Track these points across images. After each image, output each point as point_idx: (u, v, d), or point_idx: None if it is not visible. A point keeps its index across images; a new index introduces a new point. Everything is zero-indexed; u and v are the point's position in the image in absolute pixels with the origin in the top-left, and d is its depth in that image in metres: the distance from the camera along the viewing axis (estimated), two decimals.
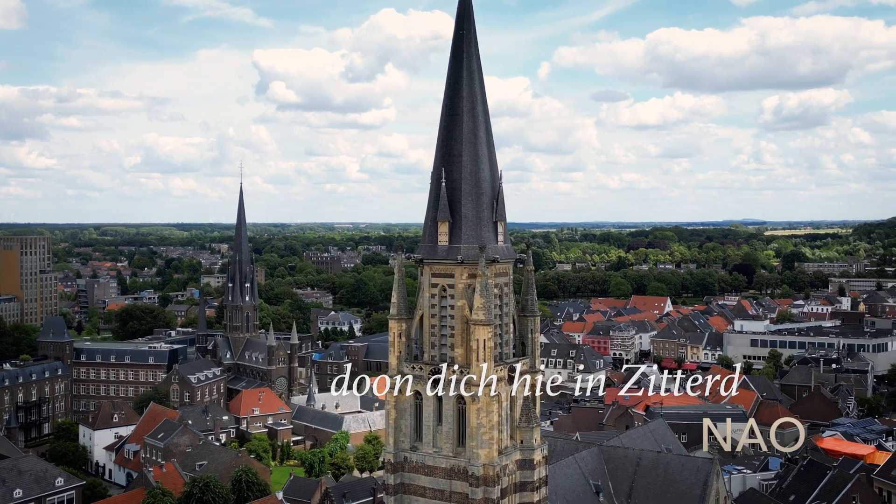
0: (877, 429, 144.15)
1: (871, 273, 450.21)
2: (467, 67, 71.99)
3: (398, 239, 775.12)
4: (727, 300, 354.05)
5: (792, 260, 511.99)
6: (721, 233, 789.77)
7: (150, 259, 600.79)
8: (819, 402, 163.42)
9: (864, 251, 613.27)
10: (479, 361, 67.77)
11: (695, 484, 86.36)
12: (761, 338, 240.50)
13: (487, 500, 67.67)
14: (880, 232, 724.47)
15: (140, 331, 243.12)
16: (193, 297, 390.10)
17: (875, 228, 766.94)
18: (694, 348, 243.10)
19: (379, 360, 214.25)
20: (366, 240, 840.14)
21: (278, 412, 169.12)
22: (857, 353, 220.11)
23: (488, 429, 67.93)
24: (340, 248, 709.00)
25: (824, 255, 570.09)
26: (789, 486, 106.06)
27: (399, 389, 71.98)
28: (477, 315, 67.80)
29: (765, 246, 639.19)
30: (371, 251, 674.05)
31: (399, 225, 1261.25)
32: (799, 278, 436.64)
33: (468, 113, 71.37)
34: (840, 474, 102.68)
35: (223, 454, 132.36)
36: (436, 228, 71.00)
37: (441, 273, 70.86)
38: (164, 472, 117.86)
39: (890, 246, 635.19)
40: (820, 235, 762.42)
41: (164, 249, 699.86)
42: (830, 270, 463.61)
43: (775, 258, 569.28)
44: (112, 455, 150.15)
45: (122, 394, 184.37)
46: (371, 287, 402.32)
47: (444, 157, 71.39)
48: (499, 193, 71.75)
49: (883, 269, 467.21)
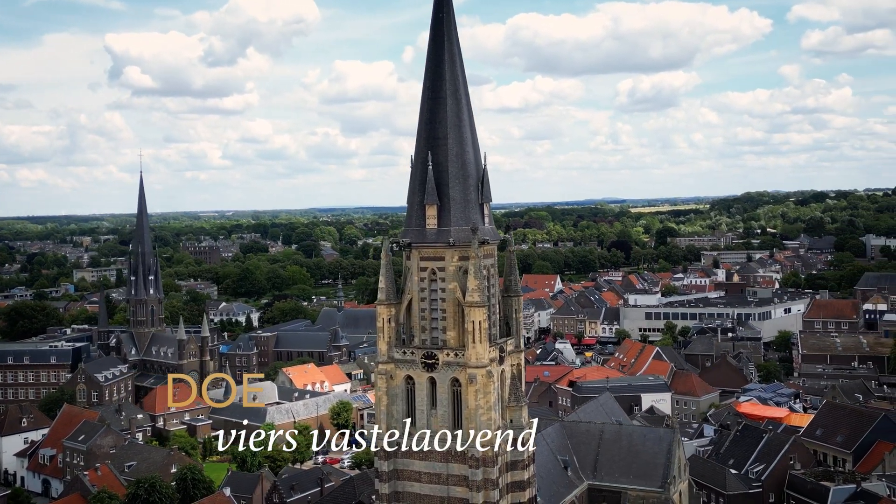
0: (785, 392, 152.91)
1: (739, 246, 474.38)
2: (448, 51, 71.87)
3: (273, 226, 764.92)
4: (611, 276, 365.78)
5: (664, 235, 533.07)
6: (590, 212, 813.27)
7: (8, 255, 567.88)
8: (726, 369, 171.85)
9: (726, 225, 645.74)
10: (475, 343, 68.20)
11: (658, 453, 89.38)
12: (655, 311, 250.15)
13: (487, 481, 68.32)
14: (739, 207, 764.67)
15: (32, 330, 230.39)
16: (69, 292, 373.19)
17: (733, 203, 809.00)
18: (592, 323, 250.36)
19: (290, 350, 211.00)
20: (238, 228, 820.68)
21: (195, 407, 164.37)
22: (746, 322, 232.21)
23: (486, 409, 68.51)
24: (212, 237, 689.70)
25: (690, 230, 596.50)
26: (727, 451, 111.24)
27: (390, 375, 71.68)
28: (472, 297, 68.11)
29: (634, 223, 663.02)
30: (247, 239, 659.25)
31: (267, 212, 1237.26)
32: (673, 253, 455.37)
33: (451, 96, 71.32)
34: (776, 437, 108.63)
35: (153, 453, 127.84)
36: (423, 212, 70.72)
37: (430, 256, 70.75)
38: (99, 475, 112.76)
39: (749, 220, 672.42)
40: (683, 212, 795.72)
41: (21, 244, 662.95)
42: (701, 244, 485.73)
43: (645, 234, 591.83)
44: (24, 462, 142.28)
45: (22, 397, 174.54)
46: (258, 276, 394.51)
47: (428, 141, 71.08)
48: (484, 175, 72.11)
49: (749, 241, 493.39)
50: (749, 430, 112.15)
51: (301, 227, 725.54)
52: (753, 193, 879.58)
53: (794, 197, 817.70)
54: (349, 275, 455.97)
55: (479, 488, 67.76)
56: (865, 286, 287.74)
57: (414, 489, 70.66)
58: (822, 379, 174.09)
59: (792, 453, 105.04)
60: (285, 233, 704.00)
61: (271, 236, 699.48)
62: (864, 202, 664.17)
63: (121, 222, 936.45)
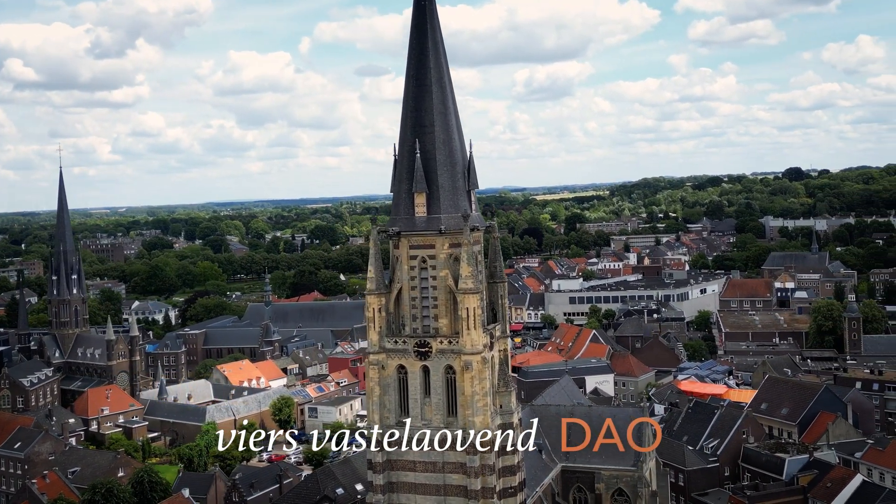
0: (720, 369, 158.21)
1: (646, 230, 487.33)
2: (432, 39, 71.55)
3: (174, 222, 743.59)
4: (528, 262, 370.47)
5: (573, 222, 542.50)
6: (496, 200, 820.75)
7: None
8: (658, 349, 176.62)
9: (629, 210, 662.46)
10: (470, 330, 68.33)
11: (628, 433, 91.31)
12: (579, 295, 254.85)
13: (485, 467, 68.64)
14: (639, 192, 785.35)
15: None
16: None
17: (633, 189, 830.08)
18: (518, 309, 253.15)
19: (220, 347, 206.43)
20: (136, 224, 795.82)
21: (129, 409, 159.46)
22: (667, 304, 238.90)
23: (482, 395, 68.82)
24: (110, 234, 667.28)
25: (596, 216, 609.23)
26: (680, 428, 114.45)
27: (382, 365, 71.12)
28: (465, 284, 68.19)
29: (541, 210, 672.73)
30: (148, 236, 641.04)
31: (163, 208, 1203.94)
32: (583, 238, 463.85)
33: (436, 83, 71.06)
34: (728, 412, 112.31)
35: (97, 457, 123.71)
36: (411, 200, 70.33)
37: (420, 245, 70.39)
38: (47, 482, 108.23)
39: (650, 205, 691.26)
40: (586, 198, 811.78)
41: None
42: (610, 230, 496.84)
43: (552, 221, 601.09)
44: None
45: None
46: (168, 273, 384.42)
47: (414, 129, 70.65)
48: (470, 162, 72.16)
49: (655, 225, 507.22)
50: (700, 407, 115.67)
51: (204, 223, 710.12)
52: (650, 179, 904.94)
53: (689, 182, 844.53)
54: (262, 269, 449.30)
55: (477, 474, 68.04)
56: (772, 265, 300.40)
57: (409, 479, 70.43)
58: (748, 356, 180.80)
59: (744, 427, 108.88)
60: (187, 228, 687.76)
61: (173, 232, 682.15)
62: (758, 185, 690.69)
63: (7, 222, 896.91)
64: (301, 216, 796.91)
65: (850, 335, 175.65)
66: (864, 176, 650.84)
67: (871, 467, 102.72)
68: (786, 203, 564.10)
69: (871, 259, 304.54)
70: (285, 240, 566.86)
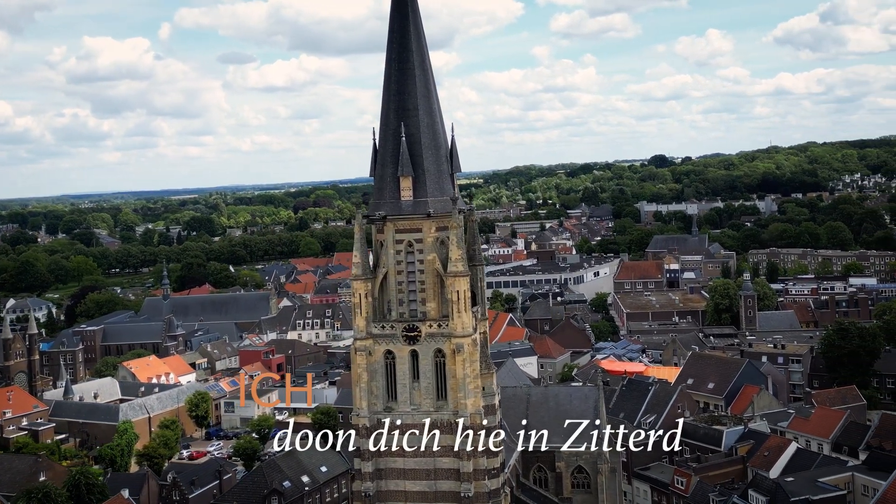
0: (634, 348, 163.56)
1: (529, 216, 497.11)
2: (413, 22, 71.16)
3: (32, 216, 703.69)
4: None
5: None
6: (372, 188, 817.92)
7: None
8: (570, 331, 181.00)
9: (507, 197, 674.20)
10: (461, 312, 68.36)
11: (586, 410, 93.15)
12: None
13: (477, 449, 68.90)
14: (515, 180, 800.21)
15: None
16: None
17: (508, 177, 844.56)
18: None
19: (121, 343, 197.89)
20: None
21: (34, 410, 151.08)
22: (565, 286, 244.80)
23: (473, 378, 69.06)
24: None
25: (476, 204, 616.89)
26: (616, 405, 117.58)
27: (369, 351, 70.24)
28: (455, 266, 68.19)
29: None
30: (6, 230, 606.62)
31: (14, 201, 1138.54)
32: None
33: (419, 67, 70.64)
34: (662, 388, 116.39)
35: (16, 462, 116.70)
36: (396, 184, 69.76)
37: (406, 228, 69.88)
38: None
39: (526, 192, 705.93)
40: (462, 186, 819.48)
41: None
42: (494, 216, 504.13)
43: None
44: None
45: None
46: (39, 268, 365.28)
47: (398, 113, 69.96)
48: (452, 146, 72.01)
49: (536, 212, 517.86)
50: (634, 384, 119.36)
51: (66, 216, 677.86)
52: (522, 167, 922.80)
53: (560, 170, 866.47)
54: (138, 263, 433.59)
55: (469, 456, 68.27)
56: (655, 248, 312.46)
57: (398, 464, 69.94)
58: (652, 335, 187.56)
59: (679, 402, 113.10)
60: (48, 222, 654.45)
61: (32, 226, 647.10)
62: (627, 172, 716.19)
63: None
64: (170, 207, 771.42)
65: (747, 312, 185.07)
66: (724, 162, 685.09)
67: (797, 435, 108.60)
68: (655, 189, 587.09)
69: (747, 241, 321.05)
70: (159, 232, 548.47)
